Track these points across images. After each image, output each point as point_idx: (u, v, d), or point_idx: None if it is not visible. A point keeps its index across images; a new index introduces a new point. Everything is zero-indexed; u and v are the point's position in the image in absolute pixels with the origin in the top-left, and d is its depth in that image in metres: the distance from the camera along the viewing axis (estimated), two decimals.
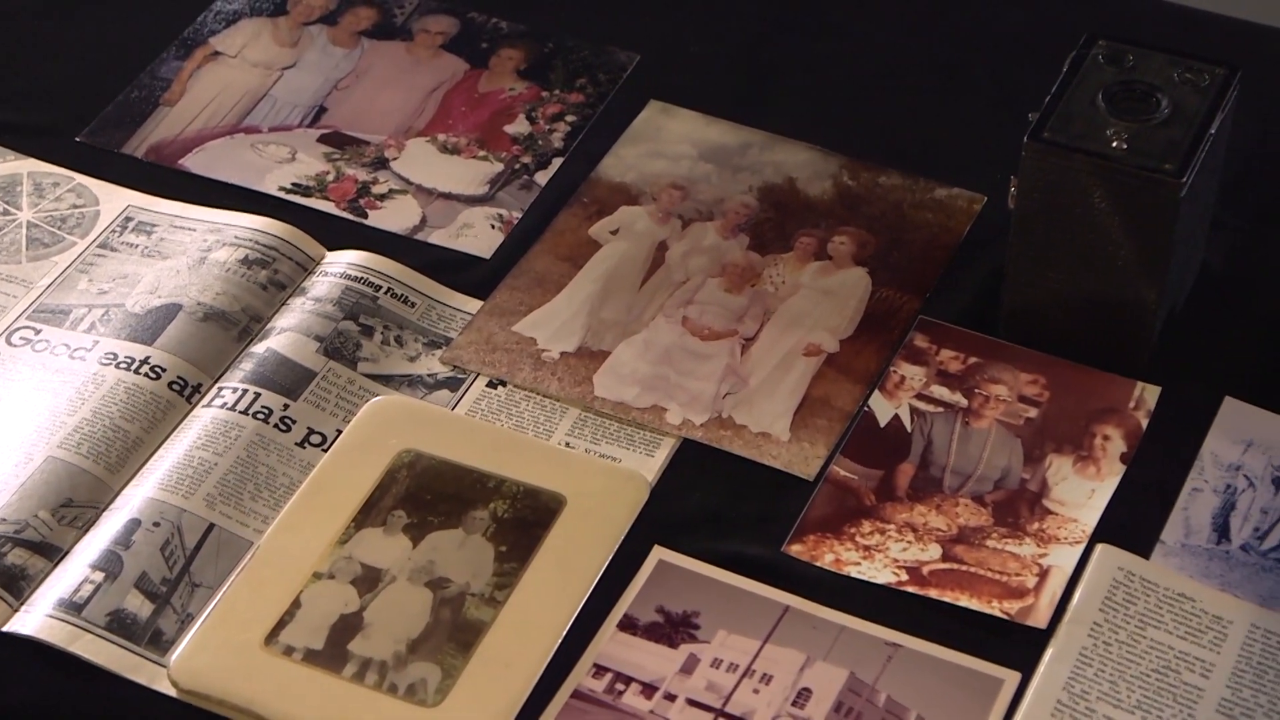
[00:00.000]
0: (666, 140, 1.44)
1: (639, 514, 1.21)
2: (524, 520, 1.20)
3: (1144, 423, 1.26)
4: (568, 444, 1.25)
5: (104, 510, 1.21)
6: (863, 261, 1.36)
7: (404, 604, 1.16)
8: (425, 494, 1.21)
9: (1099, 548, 1.18)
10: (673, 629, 1.16)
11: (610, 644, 1.15)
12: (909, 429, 1.26)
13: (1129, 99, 1.23)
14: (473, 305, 1.34)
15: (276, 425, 1.25)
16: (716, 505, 1.23)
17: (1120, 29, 1.29)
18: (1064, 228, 1.24)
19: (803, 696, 1.13)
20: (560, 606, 1.16)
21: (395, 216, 1.39)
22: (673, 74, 1.49)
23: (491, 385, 1.29)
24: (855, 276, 1.35)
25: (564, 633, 1.15)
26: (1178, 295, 1.30)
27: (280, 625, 1.15)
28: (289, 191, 1.41)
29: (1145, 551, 1.19)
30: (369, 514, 1.20)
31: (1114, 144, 1.21)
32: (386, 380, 1.29)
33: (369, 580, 1.17)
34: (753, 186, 1.41)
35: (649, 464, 1.24)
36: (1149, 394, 1.27)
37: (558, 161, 1.43)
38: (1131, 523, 1.21)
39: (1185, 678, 1.13)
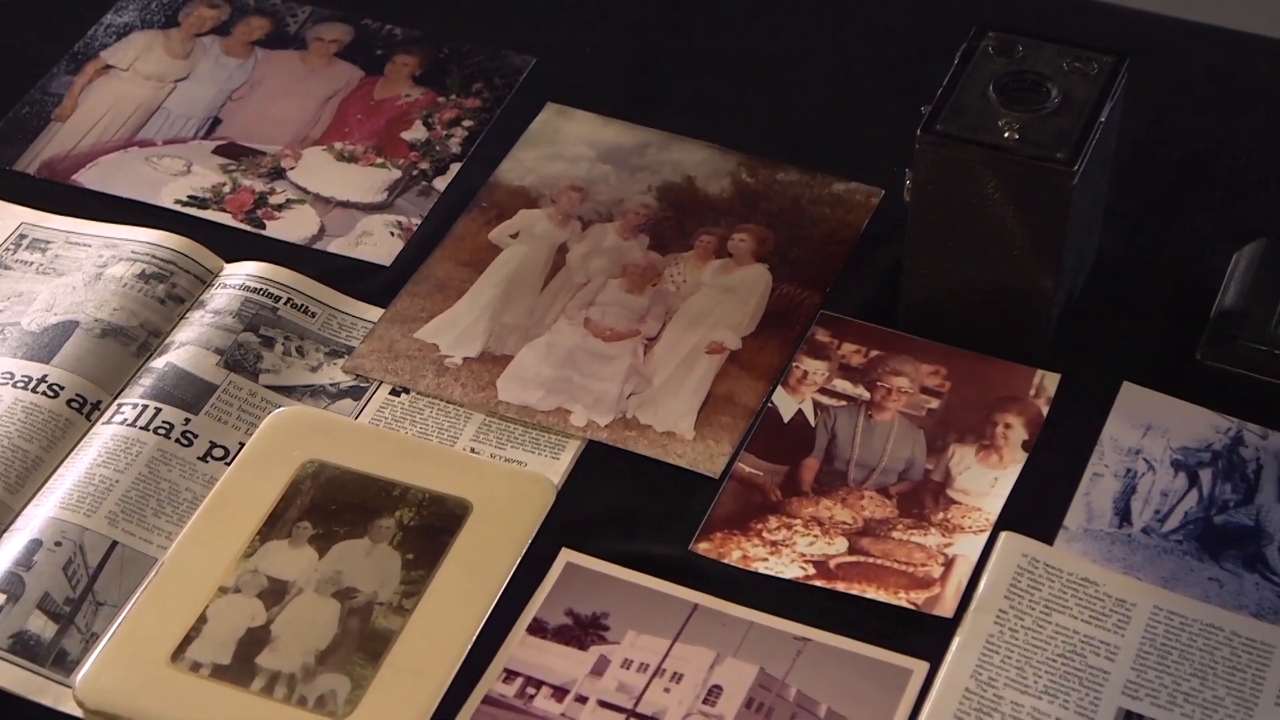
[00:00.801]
0: (564, 142, 1.44)
1: (546, 517, 1.21)
2: (430, 527, 1.19)
3: (1044, 410, 1.27)
4: (472, 450, 1.25)
5: (4, 531, 1.19)
6: (763, 258, 1.37)
7: (311, 615, 1.15)
8: (330, 504, 1.21)
9: (1003, 535, 1.19)
10: (582, 631, 1.16)
11: (520, 648, 1.15)
12: (813, 424, 1.27)
13: (1020, 89, 1.24)
14: (374, 313, 1.33)
15: (178, 440, 1.24)
16: (623, 506, 1.23)
17: (1010, 20, 1.30)
18: (959, 219, 1.25)
19: (713, 694, 1.13)
20: (469, 612, 1.16)
21: (293, 226, 1.39)
22: (569, 76, 1.49)
23: (394, 393, 1.28)
24: (756, 273, 1.36)
25: (473, 638, 1.15)
26: (1074, 282, 1.32)
27: (186, 641, 1.14)
28: (185, 204, 1.40)
29: (1049, 538, 1.20)
30: (274, 526, 1.19)
31: (1006, 134, 1.22)
32: (289, 391, 1.28)
33: (275, 593, 1.16)
34: (651, 186, 1.42)
35: (554, 467, 1.24)
36: (1049, 381, 1.28)
37: (456, 167, 1.43)
38: (1035, 509, 1.22)
39: (1091, 661, 1.14)
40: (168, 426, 1.24)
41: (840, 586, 1.18)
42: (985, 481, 1.23)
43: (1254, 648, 1.14)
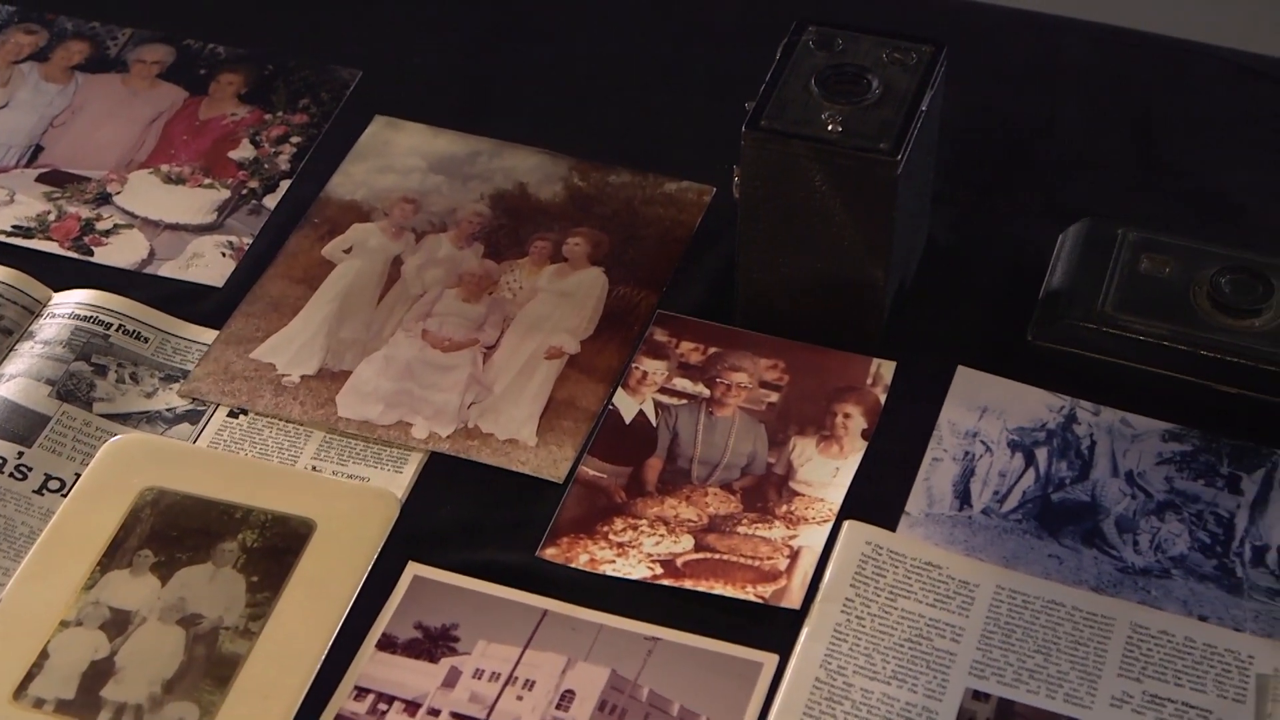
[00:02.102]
0: (395, 154, 1.44)
1: (391, 531, 1.20)
2: (274, 548, 1.18)
3: (882, 398, 1.28)
4: (314, 468, 1.24)
5: None
6: (598, 261, 1.37)
7: (156, 644, 1.14)
8: (171, 531, 1.19)
9: (846, 525, 1.20)
10: (432, 644, 1.16)
11: (370, 664, 1.14)
12: (654, 423, 1.27)
13: (841, 82, 1.25)
14: (208, 335, 1.32)
15: (11, 474, 1.22)
16: (468, 516, 1.22)
17: (829, 14, 1.31)
18: (788, 213, 1.25)
19: (566, 699, 1.13)
20: (317, 632, 1.15)
21: (122, 252, 1.37)
22: (397, 88, 1.49)
23: (233, 415, 1.27)
24: (592, 276, 1.36)
25: (322, 658, 1.14)
26: (906, 271, 1.33)
27: (29, 678, 1.12)
28: (9, 234, 1.38)
29: (891, 524, 1.21)
30: (114, 556, 1.18)
31: (829, 127, 1.23)
32: (124, 419, 1.26)
33: (118, 624, 1.15)
34: (484, 194, 1.41)
35: (398, 480, 1.24)
36: (885, 369, 1.30)
37: (285, 184, 1.42)
38: (876, 497, 1.23)
39: (937, 644, 1.15)
40: (0, 461, 1.22)
41: (688, 584, 1.18)
42: (827, 472, 1.24)
43: (1095, 621, 1.16)
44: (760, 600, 1.17)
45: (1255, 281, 1.27)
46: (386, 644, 1.15)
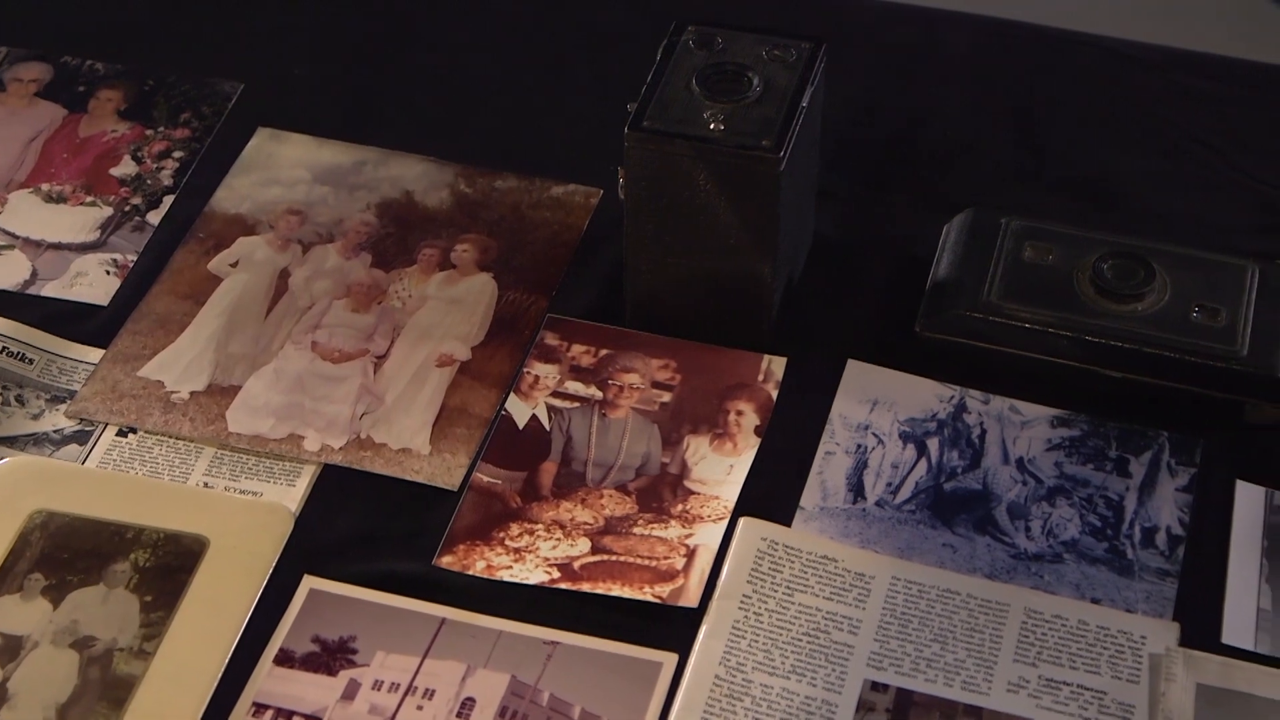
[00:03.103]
0: (279, 166, 1.43)
1: (285, 545, 1.19)
2: (167, 567, 1.17)
3: (774, 394, 1.29)
4: (206, 484, 1.23)
5: None
6: (487, 266, 1.37)
7: (49, 669, 1.12)
8: (62, 553, 1.18)
9: (741, 521, 1.21)
10: (330, 657, 1.15)
11: (268, 680, 1.13)
12: (548, 427, 1.27)
13: (722, 80, 1.26)
14: (95, 355, 1.30)
15: None
16: (363, 527, 1.22)
17: (710, 13, 1.31)
18: (674, 213, 1.26)
19: (467, 706, 1.13)
20: (212, 649, 1.14)
21: (3, 273, 1.35)
22: (279, 100, 1.48)
23: (121, 434, 1.26)
24: (481, 282, 1.36)
25: (219, 675, 1.13)
26: (794, 267, 1.34)
27: None
28: None
29: (787, 519, 1.22)
30: (3, 582, 1.16)
31: (711, 126, 1.23)
32: (11, 442, 1.25)
33: (10, 650, 1.13)
34: (370, 204, 1.41)
35: (291, 494, 1.23)
36: (776, 365, 1.30)
37: (169, 199, 1.40)
38: (771, 493, 1.23)
39: (835, 637, 1.16)
40: None
41: (586, 587, 1.18)
42: (721, 470, 1.25)
43: (990, 608, 1.17)
44: (658, 600, 1.17)
45: (1137, 266, 1.29)
46: (284, 659, 1.15)
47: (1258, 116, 1.47)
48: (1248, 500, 1.22)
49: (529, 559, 1.20)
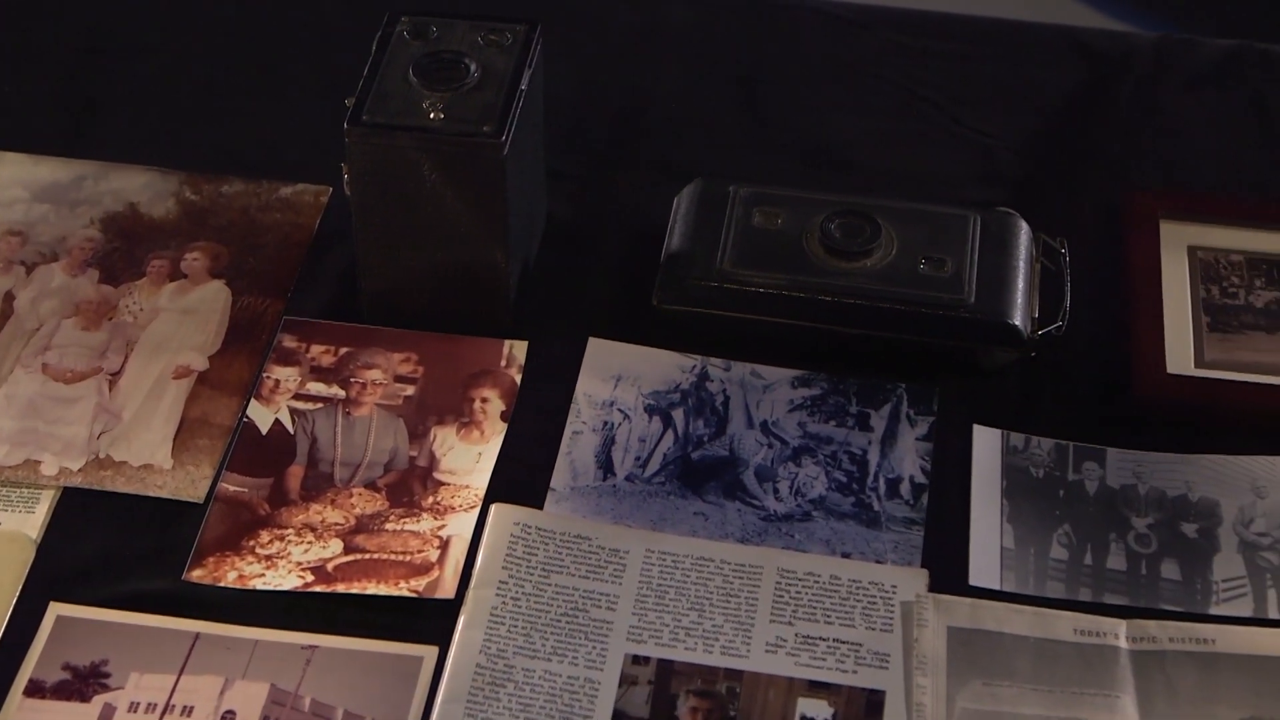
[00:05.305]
0: None
1: (28, 574, 1.17)
2: None
3: (518, 379, 1.29)
4: None
5: None
6: (218, 273, 1.35)
7: None
8: None
9: (493, 508, 1.21)
10: (82, 683, 1.12)
11: (19, 713, 1.11)
12: (292, 431, 1.26)
13: (439, 69, 1.25)
14: None
15: None
16: (108, 548, 1.19)
17: (423, 2, 1.31)
18: (402, 205, 1.25)
19: (227, 719, 1.11)
20: None
21: None
22: None
23: None
24: (214, 290, 1.34)
25: None
26: (528, 251, 1.34)
27: None
28: None
29: (538, 502, 1.22)
30: None
31: (431, 116, 1.23)
32: None
33: None
34: (94, 219, 1.38)
35: (31, 521, 1.20)
36: (518, 350, 1.30)
37: None
38: (522, 477, 1.23)
39: (593, 615, 1.16)
40: None
41: (341, 588, 1.17)
42: (470, 458, 1.24)
43: (744, 572, 1.18)
44: (414, 594, 1.17)
45: (863, 223, 1.31)
46: (34, 690, 1.12)
47: (973, 70, 1.51)
48: (985, 444, 1.25)
49: (281, 565, 1.18)
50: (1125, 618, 1.15)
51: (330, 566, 1.18)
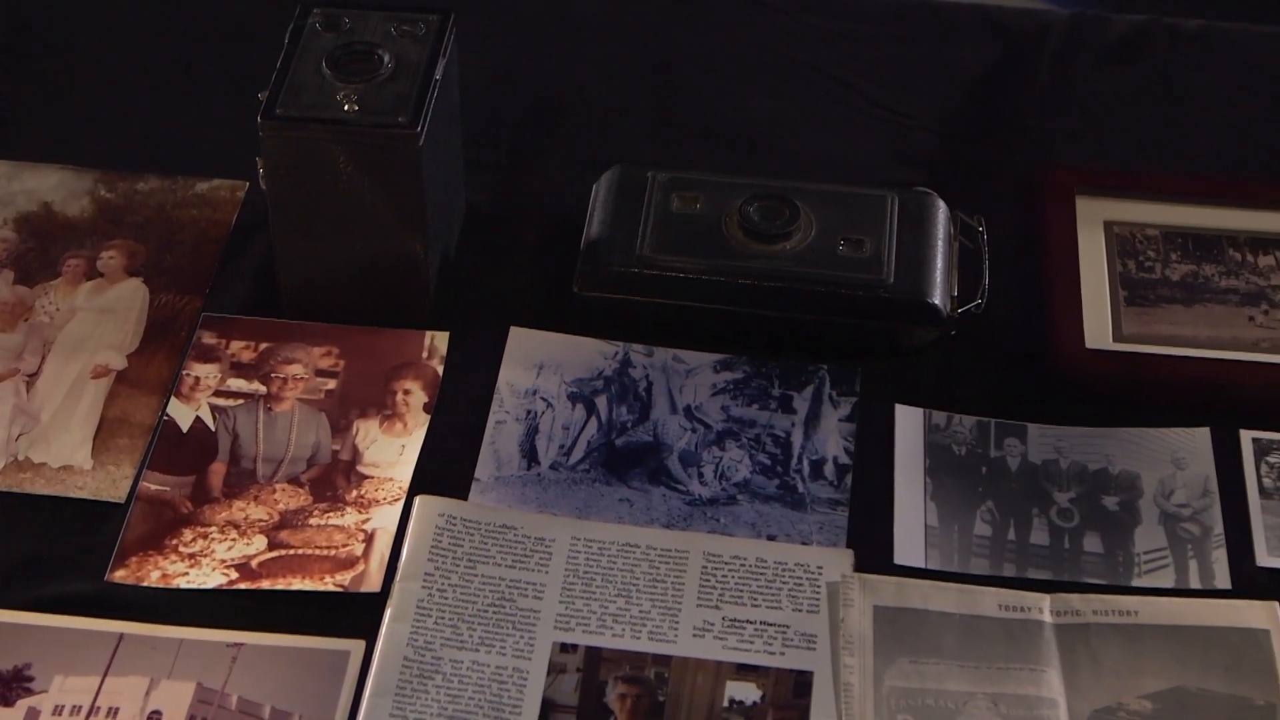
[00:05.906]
0: None
1: None
2: None
3: (440, 370, 1.28)
4: None
5: None
6: (135, 271, 1.34)
7: None
8: None
9: (417, 500, 1.20)
10: (5, 688, 1.11)
11: None
12: (213, 428, 1.25)
13: (352, 61, 1.25)
14: None
15: None
16: (29, 551, 1.18)
17: None
18: (318, 199, 1.24)
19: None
20: None
21: None
22: None
23: None
24: (131, 288, 1.33)
25: None
26: (448, 241, 1.33)
27: None
28: None
29: (463, 493, 1.22)
30: None
31: (346, 108, 1.22)
32: None
33: None
34: (7, 219, 1.36)
35: None
36: (439, 341, 1.30)
37: None
38: (446, 469, 1.23)
39: (520, 604, 1.16)
40: None
41: (266, 584, 1.17)
42: (393, 451, 1.24)
43: (670, 557, 1.18)
44: (340, 589, 1.16)
45: (782, 206, 1.31)
46: None
47: (887, 51, 1.51)
48: (907, 422, 1.25)
49: (205, 563, 1.18)
50: (1049, 592, 1.16)
51: (255, 563, 1.18)
